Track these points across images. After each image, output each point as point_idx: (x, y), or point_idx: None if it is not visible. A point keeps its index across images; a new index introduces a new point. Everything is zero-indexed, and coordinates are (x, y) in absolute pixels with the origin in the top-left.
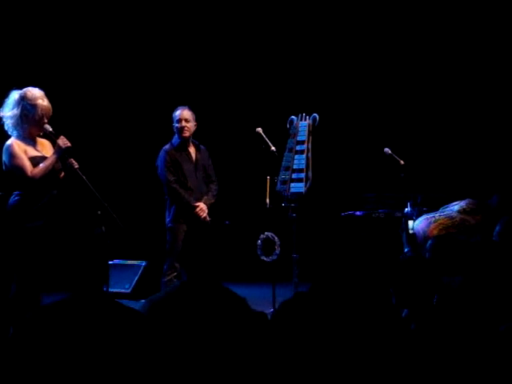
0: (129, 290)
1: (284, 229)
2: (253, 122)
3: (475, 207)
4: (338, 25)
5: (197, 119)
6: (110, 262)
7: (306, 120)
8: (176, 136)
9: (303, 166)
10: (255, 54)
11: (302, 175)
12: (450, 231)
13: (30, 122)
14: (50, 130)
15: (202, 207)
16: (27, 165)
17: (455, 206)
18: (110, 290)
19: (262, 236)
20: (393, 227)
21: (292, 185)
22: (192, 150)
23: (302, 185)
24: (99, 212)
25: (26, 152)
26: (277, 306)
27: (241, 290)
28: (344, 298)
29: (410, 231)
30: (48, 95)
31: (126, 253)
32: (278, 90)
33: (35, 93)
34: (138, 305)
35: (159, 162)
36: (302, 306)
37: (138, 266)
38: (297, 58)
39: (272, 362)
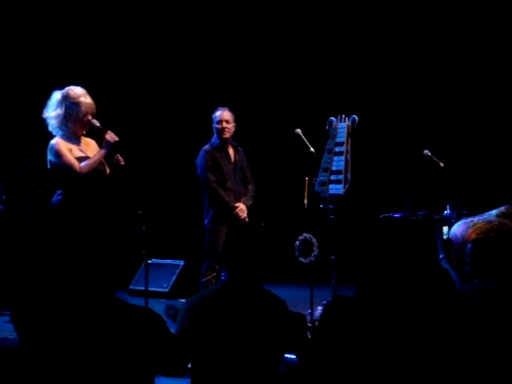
0: (167, 289)
1: (322, 230)
2: (292, 123)
3: None
4: (379, 25)
5: (236, 120)
6: (149, 261)
7: (345, 121)
8: (215, 136)
9: (342, 168)
10: (295, 54)
11: (341, 177)
12: (489, 235)
13: (74, 121)
14: (98, 125)
15: (241, 208)
16: (74, 161)
17: (494, 211)
18: (149, 288)
19: (300, 237)
20: (432, 230)
21: (330, 186)
22: (231, 150)
23: (340, 186)
24: (140, 211)
25: (71, 151)
26: (314, 308)
27: (279, 291)
28: (392, 301)
29: (445, 236)
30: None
31: (164, 252)
32: (317, 90)
33: (77, 91)
34: (175, 304)
35: (199, 161)
36: (348, 310)
37: (177, 266)
38: (337, 59)
39: (315, 363)
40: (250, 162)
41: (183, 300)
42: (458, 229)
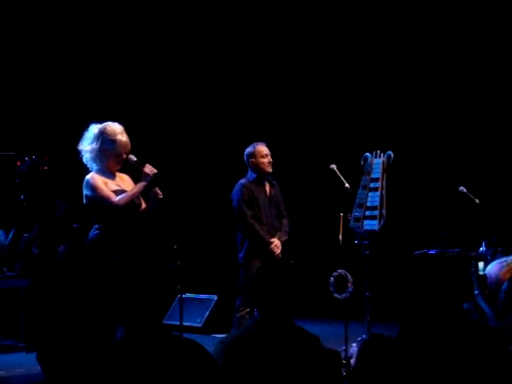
0: (200, 324)
1: (357, 266)
2: (327, 159)
3: None
4: (415, 61)
5: (272, 155)
6: (183, 296)
7: (380, 157)
8: (251, 171)
9: (377, 204)
10: (331, 90)
11: (376, 212)
12: None
13: (109, 157)
14: (135, 159)
15: (276, 244)
16: (111, 194)
17: None
18: (183, 323)
19: (334, 273)
20: (466, 266)
21: (365, 222)
22: (267, 185)
23: (375, 222)
24: (175, 246)
25: (106, 184)
26: (348, 344)
27: (313, 328)
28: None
29: (481, 273)
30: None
31: (198, 287)
32: (353, 126)
33: (115, 128)
34: (209, 339)
35: (235, 195)
36: (385, 349)
37: (210, 300)
38: (372, 95)
39: None
40: (286, 197)
41: (217, 335)
42: (492, 268)
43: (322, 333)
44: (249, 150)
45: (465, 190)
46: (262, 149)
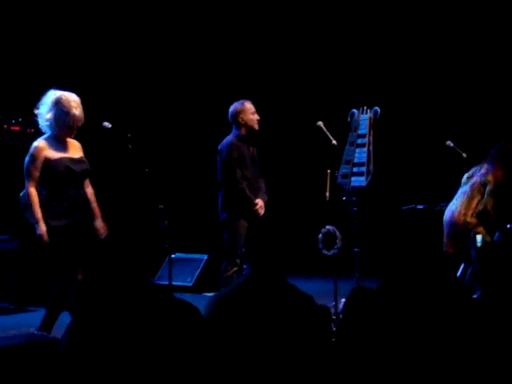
0: (191, 284)
1: (345, 223)
2: (313, 115)
3: None
4: (402, 16)
5: (258, 113)
6: (173, 256)
7: (367, 113)
8: (237, 129)
9: (364, 160)
10: (316, 46)
11: (363, 169)
12: None
13: (60, 126)
14: (110, 126)
15: (260, 204)
16: (32, 180)
17: None
18: (173, 283)
19: (323, 230)
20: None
21: (353, 179)
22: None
23: (363, 179)
24: (162, 206)
25: (47, 155)
26: (338, 300)
27: (302, 284)
28: (416, 294)
29: (478, 244)
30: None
31: (188, 246)
32: (338, 83)
33: (70, 100)
34: (200, 298)
35: (225, 153)
36: (369, 301)
37: (200, 260)
38: (357, 51)
39: (340, 358)
40: (272, 155)
41: (208, 294)
42: None
43: (311, 289)
44: (237, 106)
45: (452, 145)
46: (251, 106)
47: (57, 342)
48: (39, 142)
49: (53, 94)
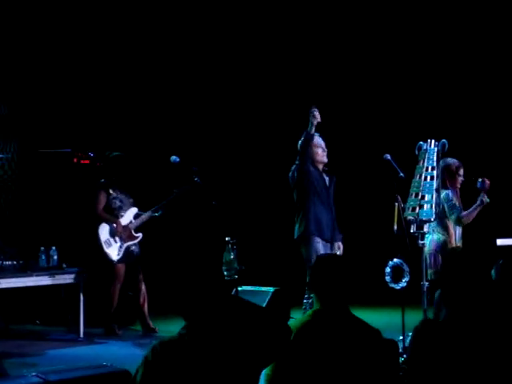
0: None
1: (413, 256)
2: (381, 148)
3: None
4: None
5: (327, 146)
6: (240, 288)
7: (434, 146)
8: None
9: (432, 193)
10: (386, 82)
11: (431, 202)
12: None
13: None
14: (178, 160)
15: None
16: None
17: None
18: None
19: (390, 263)
20: None
21: (421, 211)
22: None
23: (431, 211)
24: (229, 238)
25: None
26: (406, 334)
27: (370, 317)
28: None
29: None
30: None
31: (255, 279)
32: (406, 116)
33: None
34: None
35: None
36: (437, 333)
37: (267, 293)
38: (426, 85)
39: None
40: (341, 187)
41: None
42: None
43: (378, 322)
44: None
45: None
46: (320, 141)
47: (126, 374)
48: None
49: None
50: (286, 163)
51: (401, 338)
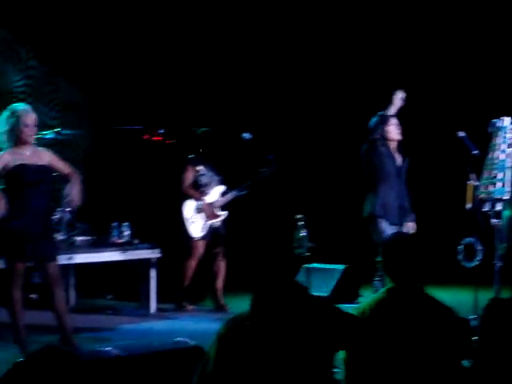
0: (327, 294)
1: (486, 234)
2: (455, 126)
3: None
4: None
5: (402, 124)
6: (309, 266)
7: (507, 123)
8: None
9: (505, 170)
10: (458, 59)
11: (504, 179)
12: None
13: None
14: (249, 137)
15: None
16: None
17: None
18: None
19: (463, 242)
20: None
21: (494, 189)
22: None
23: (504, 189)
24: (301, 216)
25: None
26: (479, 313)
27: (441, 295)
28: None
29: None
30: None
31: (327, 257)
32: (480, 93)
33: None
34: None
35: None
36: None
37: (337, 270)
38: (500, 62)
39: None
40: (415, 166)
41: (345, 305)
42: None
43: (450, 300)
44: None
45: None
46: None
47: (199, 350)
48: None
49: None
50: (358, 140)
51: (473, 316)
